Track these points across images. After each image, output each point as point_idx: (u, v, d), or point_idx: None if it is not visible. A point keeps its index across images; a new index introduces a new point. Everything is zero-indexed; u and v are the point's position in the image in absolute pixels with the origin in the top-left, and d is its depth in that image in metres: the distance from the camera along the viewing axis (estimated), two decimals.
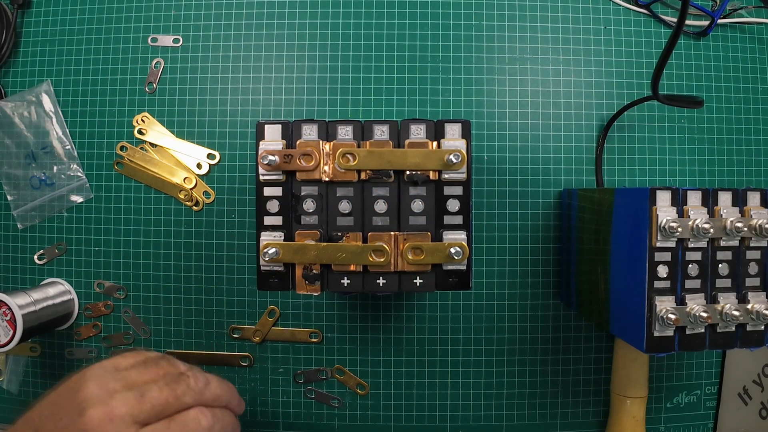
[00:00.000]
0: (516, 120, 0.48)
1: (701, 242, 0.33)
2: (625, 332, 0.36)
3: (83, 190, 0.49)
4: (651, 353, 0.33)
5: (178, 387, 0.32)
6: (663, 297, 0.33)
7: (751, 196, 0.34)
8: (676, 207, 0.33)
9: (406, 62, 0.48)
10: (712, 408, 0.49)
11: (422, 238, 0.34)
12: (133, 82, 0.49)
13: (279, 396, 0.49)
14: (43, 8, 0.50)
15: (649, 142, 0.48)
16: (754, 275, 0.35)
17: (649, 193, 0.33)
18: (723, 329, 0.34)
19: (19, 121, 0.49)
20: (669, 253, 0.33)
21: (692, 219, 0.33)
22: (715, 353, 0.49)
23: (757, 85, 0.49)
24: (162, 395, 0.31)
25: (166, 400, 0.31)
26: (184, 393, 0.32)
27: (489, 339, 0.48)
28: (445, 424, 0.48)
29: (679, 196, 0.33)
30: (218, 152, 0.48)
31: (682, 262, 0.33)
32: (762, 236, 0.33)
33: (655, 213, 0.33)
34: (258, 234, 0.35)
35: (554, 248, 0.48)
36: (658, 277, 0.33)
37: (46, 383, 0.50)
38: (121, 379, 0.31)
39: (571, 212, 0.45)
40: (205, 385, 0.34)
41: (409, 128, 0.35)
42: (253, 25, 0.49)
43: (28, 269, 0.50)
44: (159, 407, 0.31)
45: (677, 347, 0.33)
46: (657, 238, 0.33)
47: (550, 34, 0.49)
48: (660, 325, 0.32)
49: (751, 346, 0.35)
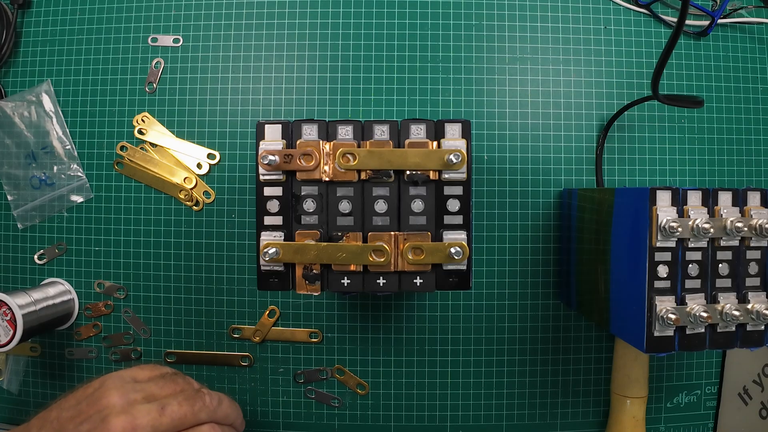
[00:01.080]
0: (516, 120, 0.48)
1: (701, 242, 0.33)
2: (625, 332, 0.36)
3: (83, 190, 0.49)
4: (651, 353, 0.33)
5: (195, 403, 0.34)
6: (663, 297, 0.33)
7: (752, 196, 0.34)
8: (676, 207, 0.33)
9: (406, 62, 0.48)
10: (712, 408, 0.49)
11: (422, 238, 0.34)
12: (133, 82, 0.49)
13: (279, 396, 0.49)
14: (43, 8, 0.50)
15: (649, 141, 0.48)
16: (754, 275, 0.35)
17: (649, 193, 0.33)
18: (723, 329, 0.34)
19: (19, 121, 0.49)
20: (669, 253, 0.33)
21: (692, 219, 0.33)
22: (715, 353, 0.49)
23: (757, 85, 0.49)
24: (181, 410, 0.33)
25: (184, 415, 0.33)
26: (200, 409, 0.34)
27: (489, 339, 0.48)
28: (445, 424, 0.48)
29: (679, 196, 0.33)
30: (218, 152, 0.49)
31: (682, 261, 0.33)
32: (762, 236, 0.33)
33: (656, 213, 0.33)
34: (258, 234, 0.35)
35: (554, 248, 0.48)
36: (658, 277, 0.33)
37: (46, 383, 0.50)
38: (141, 390, 0.33)
39: (571, 212, 0.45)
40: (219, 403, 0.36)
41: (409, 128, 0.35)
42: (253, 25, 0.49)
43: (28, 269, 0.50)
44: (177, 421, 0.32)
45: (677, 347, 0.33)
46: (657, 237, 0.33)
47: (550, 34, 0.49)
48: (660, 325, 0.32)
49: (752, 346, 0.35)
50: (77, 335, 0.49)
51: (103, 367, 0.49)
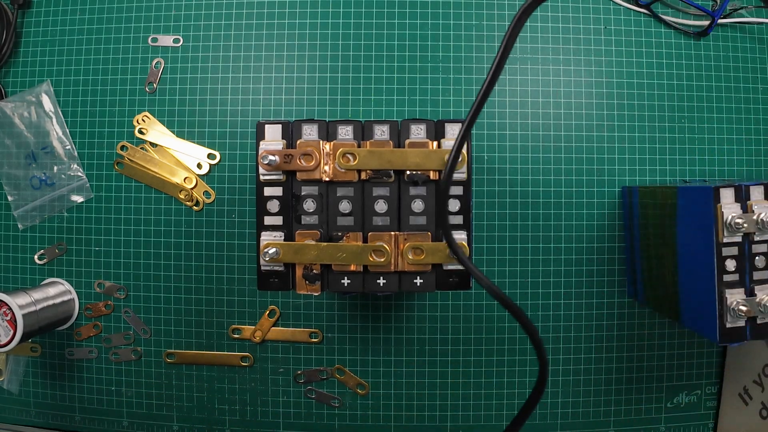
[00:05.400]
0: (516, 120, 0.48)
1: (766, 235, 0.35)
2: (697, 325, 0.37)
3: (83, 190, 0.49)
4: (724, 344, 0.34)
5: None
6: (733, 290, 0.34)
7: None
8: (740, 203, 0.34)
9: (406, 62, 0.48)
10: (713, 408, 0.49)
11: (422, 238, 0.34)
12: (133, 82, 0.49)
13: (279, 396, 0.49)
14: (43, 8, 0.50)
15: (649, 141, 0.48)
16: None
17: (713, 192, 0.34)
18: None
19: (19, 122, 0.49)
20: (736, 248, 0.34)
21: (756, 213, 0.34)
22: (715, 353, 0.49)
23: (757, 85, 0.49)
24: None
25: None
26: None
27: (489, 339, 0.48)
28: (445, 424, 0.48)
29: (742, 192, 0.34)
30: (218, 152, 0.49)
31: (749, 255, 0.35)
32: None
33: (720, 210, 0.34)
34: (258, 234, 0.35)
35: (554, 248, 0.48)
36: (726, 271, 0.34)
37: (46, 383, 0.50)
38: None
39: (633, 210, 0.46)
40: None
41: (410, 128, 0.35)
42: (253, 25, 0.49)
43: (28, 269, 0.50)
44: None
45: (749, 336, 0.35)
46: (723, 234, 0.34)
47: (550, 34, 0.49)
48: (731, 316, 0.34)
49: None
50: (77, 335, 0.49)
51: (103, 367, 0.49)
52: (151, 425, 0.49)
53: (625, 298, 0.48)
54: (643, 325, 0.48)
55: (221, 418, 0.49)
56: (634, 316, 0.48)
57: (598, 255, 0.48)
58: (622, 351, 0.48)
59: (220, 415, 0.49)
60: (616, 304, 0.48)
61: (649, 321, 0.48)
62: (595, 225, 0.48)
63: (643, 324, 0.48)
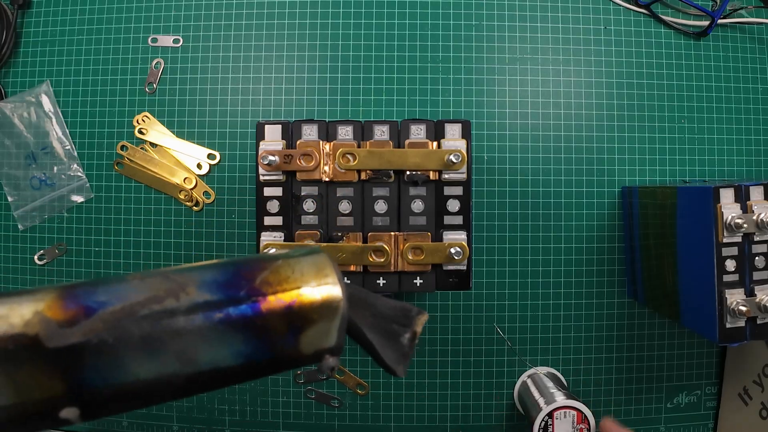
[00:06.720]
0: (516, 120, 0.48)
1: (766, 235, 0.34)
2: (697, 324, 0.37)
3: (83, 190, 0.49)
4: (724, 344, 0.34)
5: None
6: (733, 290, 0.34)
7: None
8: (739, 203, 0.34)
9: (406, 62, 0.48)
10: (712, 408, 0.49)
11: (422, 238, 0.34)
12: (133, 82, 0.49)
13: (279, 396, 0.49)
14: (43, 8, 0.50)
15: (649, 142, 0.48)
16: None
17: (713, 192, 0.34)
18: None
19: (18, 122, 0.49)
20: (736, 248, 0.34)
21: (756, 213, 0.34)
22: (715, 353, 0.49)
23: (757, 85, 0.49)
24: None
25: None
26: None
27: (489, 339, 0.48)
28: (445, 424, 0.48)
29: (741, 192, 0.34)
30: (218, 152, 0.48)
31: (749, 255, 0.35)
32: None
33: (720, 210, 0.34)
34: (258, 234, 0.35)
35: (554, 248, 0.48)
36: (726, 271, 0.34)
37: None
38: None
39: (633, 210, 0.46)
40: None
41: (409, 128, 0.35)
42: (253, 25, 0.49)
43: (28, 270, 0.50)
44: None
45: (749, 337, 0.35)
46: (723, 234, 0.34)
47: (550, 34, 0.49)
48: (731, 316, 0.34)
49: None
50: None
51: None
52: (150, 425, 0.49)
53: (625, 298, 0.48)
54: (643, 325, 0.48)
55: (221, 419, 0.49)
56: (634, 316, 0.48)
57: (598, 255, 0.48)
58: (621, 351, 0.48)
59: (219, 415, 0.49)
60: (616, 304, 0.48)
61: (649, 321, 0.48)
62: (595, 225, 0.48)
63: (643, 324, 0.48)
